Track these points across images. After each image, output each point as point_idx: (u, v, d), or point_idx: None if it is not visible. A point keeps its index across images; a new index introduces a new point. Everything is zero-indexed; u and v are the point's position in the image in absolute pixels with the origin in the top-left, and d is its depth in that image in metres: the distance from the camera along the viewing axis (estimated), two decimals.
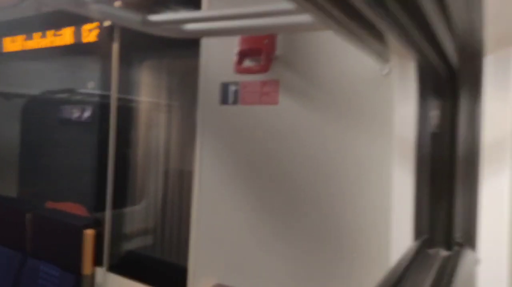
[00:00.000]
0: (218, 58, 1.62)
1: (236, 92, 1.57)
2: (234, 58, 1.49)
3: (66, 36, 2.30)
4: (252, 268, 1.55)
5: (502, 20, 0.88)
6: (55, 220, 2.31)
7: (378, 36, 1.02)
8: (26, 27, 2.52)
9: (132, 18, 1.14)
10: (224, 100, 1.61)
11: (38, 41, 2.44)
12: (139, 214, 2.19)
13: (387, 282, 0.74)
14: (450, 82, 1.00)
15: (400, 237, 1.07)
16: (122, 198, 2.17)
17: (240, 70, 1.49)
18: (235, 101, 1.58)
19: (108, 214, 2.13)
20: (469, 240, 1.03)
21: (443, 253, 1.04)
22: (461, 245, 1.04)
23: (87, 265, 2.15)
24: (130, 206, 2.19)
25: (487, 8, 0.82)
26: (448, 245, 1.04)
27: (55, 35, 2.35)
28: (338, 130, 1.33)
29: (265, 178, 1.52)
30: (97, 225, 2.17)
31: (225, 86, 1.60)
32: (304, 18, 1.09)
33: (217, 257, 1.65)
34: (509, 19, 0.87)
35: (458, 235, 1.04)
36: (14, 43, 2.60)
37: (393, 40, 0.99)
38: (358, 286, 1.28)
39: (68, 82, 2.53)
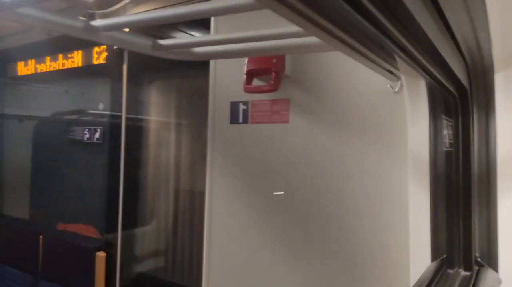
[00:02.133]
0: (227, 78, 1.63)
1: (245, 111, 1.58)
2: (243, 77, 1.50)
3: (76, 58, 2.34)
4: None
5: (508, 38, 0.87)
6: (67, 242, 2.32)
7: (388, 55, 1.02)
8: (38, 51, 2.58)
9: (142, 43, 1.16)
10: (234, 119, 1.62)
11: (49, 64, 2.49)
12: (150, 235, 2.19)
13: None
14: (461, 100, 0.99)
15: (419, 257, 1.05)
16: (133, 219, 2.17)
17: (249, 89, 1.50)
18: (245, 120, 1.59)
19: (119, 235, 2.13)
20: (490, 259, 1.01)
21: (463, 273, 1.02)
22: (481, 265, 1.02)
23: None
24: (141, 227, 2.18)
25: (493, 26, 0.82)
26: (468, 265, 1.02)
27: (66, 57, 2.40)
28: (351, 148, 1.32)
29: (277, 198, 1.51)
30: (109, 247, 2.17)
31: (234, 106, 1.61)
32: (313, 40, 1.09)
33: (231, 279, 1.63)
34: None
35: (477, 254, 1.02)
36: (27, 67, 2.66)
37: (402, 62, 0.99)
38: None
39: (79, 103, 2.57)
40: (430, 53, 0.72)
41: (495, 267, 0.98)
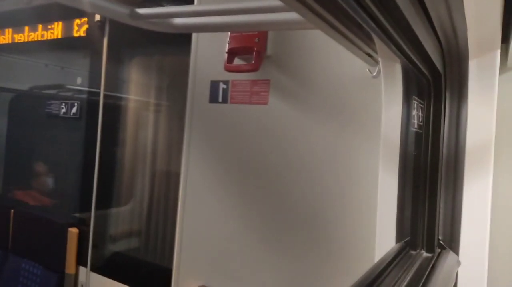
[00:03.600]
0: (208, 56, 1.61)
1: (225, 90, 1.57)
2: (224, 56, 1.48)
3: (56, 30, 2.28)
4: (238, 271, 1.54)
5: (484, 25, 0.89)
6: (38, 217, 2.27)
7: (367, 37, 1.03)
8: (16, 20, 2.49)
9: (120, 11, 1.13)
10: (213, 99, 1.61)
11: (28, 35, 2.42)
12: (124, 215, 2.16)
13: (366, 278, 0.73)
14: (435, 84, 1.00)
15: (384, 239, 1.07)
16: (108, 198, 2.14)
17: (230, 68, 1.49)
18: (224, 100, 1.58)
19: (92, 212, 2.10)
20: (451, 242, 1.04)
21: (425, 254, 1.04)
22: (443, 247, 1.04)
23: (70, 264, 2.11)
24: (116, 206, 2.16)
25: (468, 12, 0.83)
26: (430, 247, 1.04)
27: (46, 29, 2.33)
28: (328, 131, 1.33)
29: (253, 179, 1.51)
30: (82, 223, 2.13)
31: (215, 85, 1.60)
32: (294, 15, 1.09)
33: (203, 259, 1.63)
34: (490, 24, 0.88)
35: (441, 237, 1.04)
36: (3, 36, 2.57)
37: (379, 42, 0.99)
38: (341, 286, 1.27)
39: (56, 77, 2.51)
40: (406, 33, 0.72)
41: (456, 250, 1.00)
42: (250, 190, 1.53)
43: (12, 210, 2.37)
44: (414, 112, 0.98)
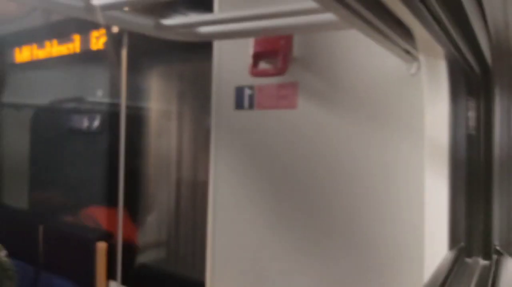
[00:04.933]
0: (231, 61, 1.57)
1: (251, 96, 1.52)
2: (249, 60, 1.43)
3: (75, 44, 2.27)
4: (272, 282, 1.49)
5: None
6: (67, 233, 2.27)
7: (405, 33, 0.96)
8: (35, 37, 2.51)
9: (144, 23, 1.10)
10: (239, 105, 1.56)
11: (48, 51, 2.42)
12: (151, 226, 2.14)
13: None
14: (484, 80, 0.93)
15: (434, 246, 1.00)
16: (133, 209, 2.13)
17: (255, 73, 1.44)
18: (250, 106, 1.53)
19: (120, 226, 2.08)
20: (509, 248, 0.97)
21: (482, 262, 0.98)
22: (500, 253, 0.98)
23: (100, 279, 2.10)
24: (142, 217, 2.14)
25: None
26: (487, 254, 0.98)
27: (64, 43, 2.33)
28: (364, 135, 1.27)
29: (284, 187, 1.46)
30: (110, 237, 2.12)
31: (239, 90, 1.55)
32: (325, 17, 1.04)
33: (236, 270, 1.59)
34: None
35: (497, 242, 0.98)
36: (24, 54, 2.59)
37: (422, 37, 0.93)
38: None
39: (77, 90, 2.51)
40: (457, 20, 0.66)
41: None
42: (281, 198, 1.48)
43: (41, 226, 2.38)
44: (464, 111, 0.91)
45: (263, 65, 1.45)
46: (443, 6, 0.60)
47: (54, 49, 2.37)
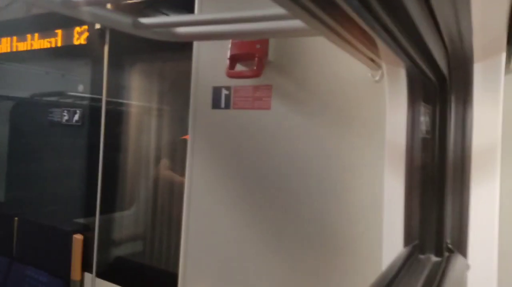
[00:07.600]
0: (210, 62, 1.61)
1: (228, 96, 1.57)
2: (227, 62, 1.48)
3: (57, 38, 2.27)
4: (244, 275, 1.54)
5: (489, 28, 0.89)
6: (42, 225, 2.27)
7: (370, 42, 1.03)
8: (16, 29, 2.49)
9: (123, 21, 1.13)
10: (216, 104, 1.61)
11: (29, 43, 2.41)
12: (129, 220, 2.16)
13: (379, 284, 0.73)
14: (440, 89, 1.00)
15: (391, 243, 1.07)
16: (112, 203, 2.14)
17: (231, 75, 1.49)
18: (227, 106, 1.57)
19: (97, 218, 2.10)
20: (460, 246, 1.04)
21: (434, 258, 1.04)
22: (451, 251, 1.04)
23: (75, 271, 2.11)
24: (119, 211, 2.16)
25: (474, 16, 0.82)
26: (439, 251, 1.04)
27: (46, 37, 2.33)
28: (331, 137, 1.33)
29: (257, 184, 1.51)
30: (86, 230, 2.13)
31: (217, 91, 1.60)
32: (297, 23, 1.09)
33: (209, 264, 1.63)
34: (496, 27, 0.88)
35: (449, 241, 1.04)
36: (3, 45, 2.56)
37: (383, 47, 0.99)
38: None
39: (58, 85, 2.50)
40: (413, 37, 0.72)
41: (464, 254, 1.00)
42: (254, 194, 1.53)
43: (16, 218, 2.37)
44: (420, 117, 0.98)
45: (239, 67, 1.50)
46: (398, 25, 0.65)
47: (35, 42, 2.37)
